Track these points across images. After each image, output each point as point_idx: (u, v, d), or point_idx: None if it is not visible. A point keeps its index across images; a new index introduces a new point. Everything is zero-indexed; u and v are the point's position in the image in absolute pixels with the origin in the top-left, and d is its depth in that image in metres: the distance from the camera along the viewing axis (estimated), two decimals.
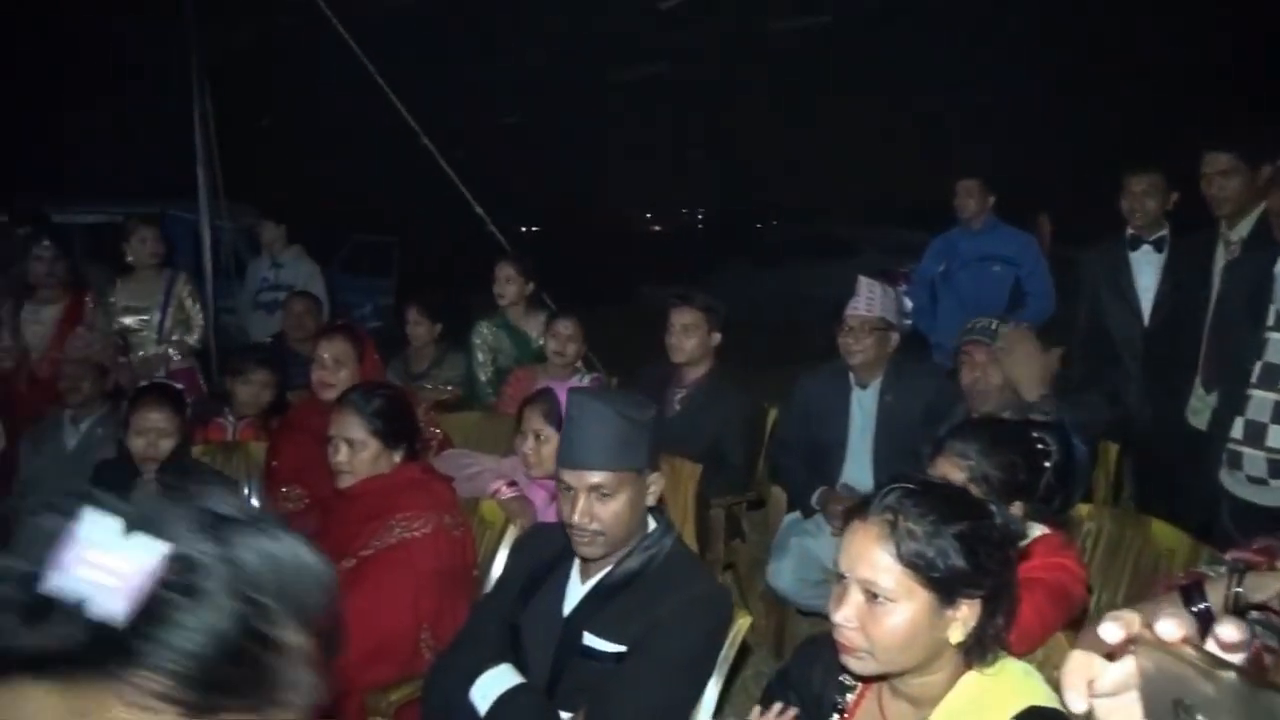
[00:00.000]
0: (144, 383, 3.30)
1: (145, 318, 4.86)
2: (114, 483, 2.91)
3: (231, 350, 4.85)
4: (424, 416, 3.24)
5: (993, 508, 1.51)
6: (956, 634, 1.42)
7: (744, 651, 2.22)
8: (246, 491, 3.36)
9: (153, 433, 2.94)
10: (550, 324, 4.05)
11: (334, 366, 3.26)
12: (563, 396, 2.71)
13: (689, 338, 3.62)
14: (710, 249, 16.22)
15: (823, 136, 17.69)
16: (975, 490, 1.84)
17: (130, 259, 4.81)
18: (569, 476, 1.91)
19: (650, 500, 1.97)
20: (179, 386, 3.33)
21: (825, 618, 3.38)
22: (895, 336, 3.40)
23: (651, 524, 2.00)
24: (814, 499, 3.34)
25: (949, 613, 1.41)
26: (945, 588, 1.39)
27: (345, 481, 2.50)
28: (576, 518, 1.89)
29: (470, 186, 5.49)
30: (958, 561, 1.38)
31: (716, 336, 3.68)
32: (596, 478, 1.87)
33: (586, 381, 3.96)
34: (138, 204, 11.15)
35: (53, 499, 0.63)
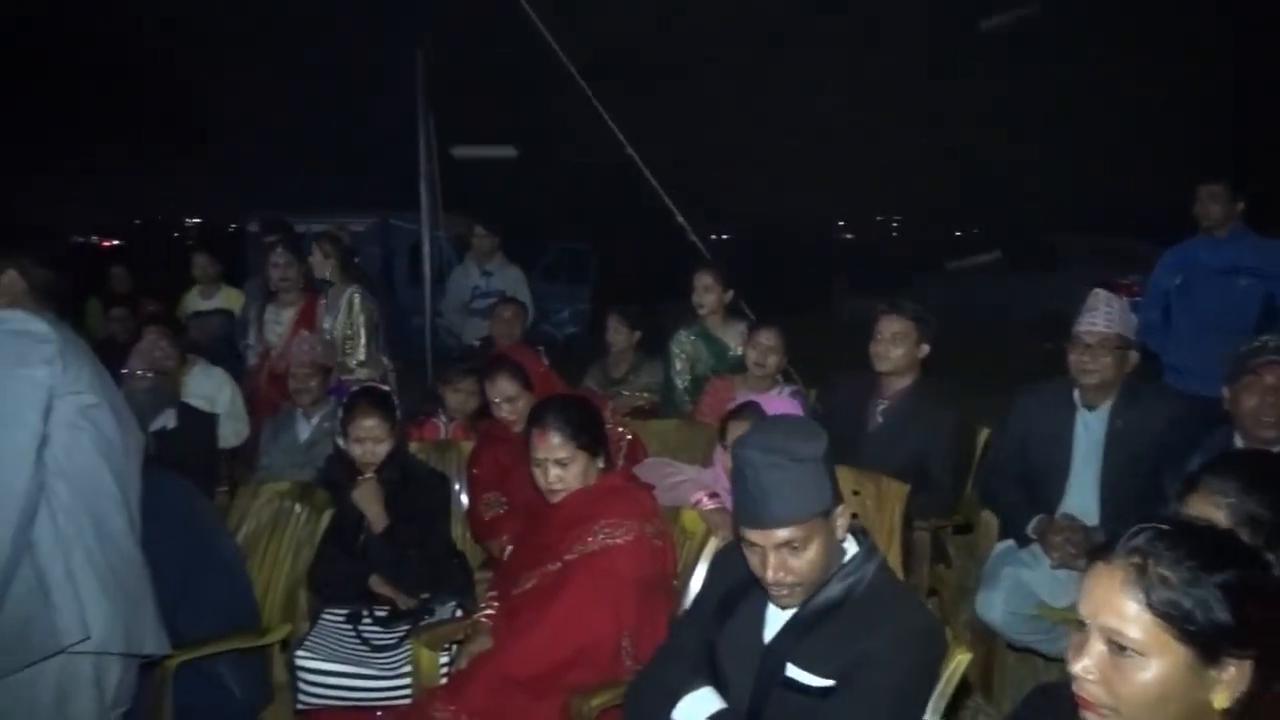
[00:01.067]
0: (355, 388, 3.46)
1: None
2: (341, 479, 3.12)
3: (443, 353, 5.08)
4: (611, 418, 3.28)
5: (1269, 556, 1.33)
6: (1222, 698, 1.26)
7: (962, 689, 2.08)
8: (457, 487, 3.53)
9: (369, 440, 3.11)
10: (751, 334, 4.01)
11: (508, 404, 3.35)
12: (766, 405, 2.68)
13: (896, 347, 3.47)
14: (907, 257, 15.69)
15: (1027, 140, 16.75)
16: (1241, 534, 1.63)
17: (316, 273, 5.02)
18: (754, 536, 1.81)
19: (840, 534, 1.86)
20: (386, 389, 3.42)
21: (1037, 653, 3.13)
22: (1134, 355, 3.10)
23: (851, 547, 1.91)
24: (1030, 528, 3.11)
25: (1212, 673, 1.25)
26: (1206, 644, 1.24)
27: (558, 497, 2.56)
28: (770, 574, 1.80)
29: (668, 196, 5.54)
30: (1221, 615, 1.23)
31: (925, 348, 3.51)
32: (784, 534, 1.77)
33: (786, 394, 3.89)
34: (363, 214, 12.16)
35: None
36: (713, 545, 2.63)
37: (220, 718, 2.70)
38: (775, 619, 1.91)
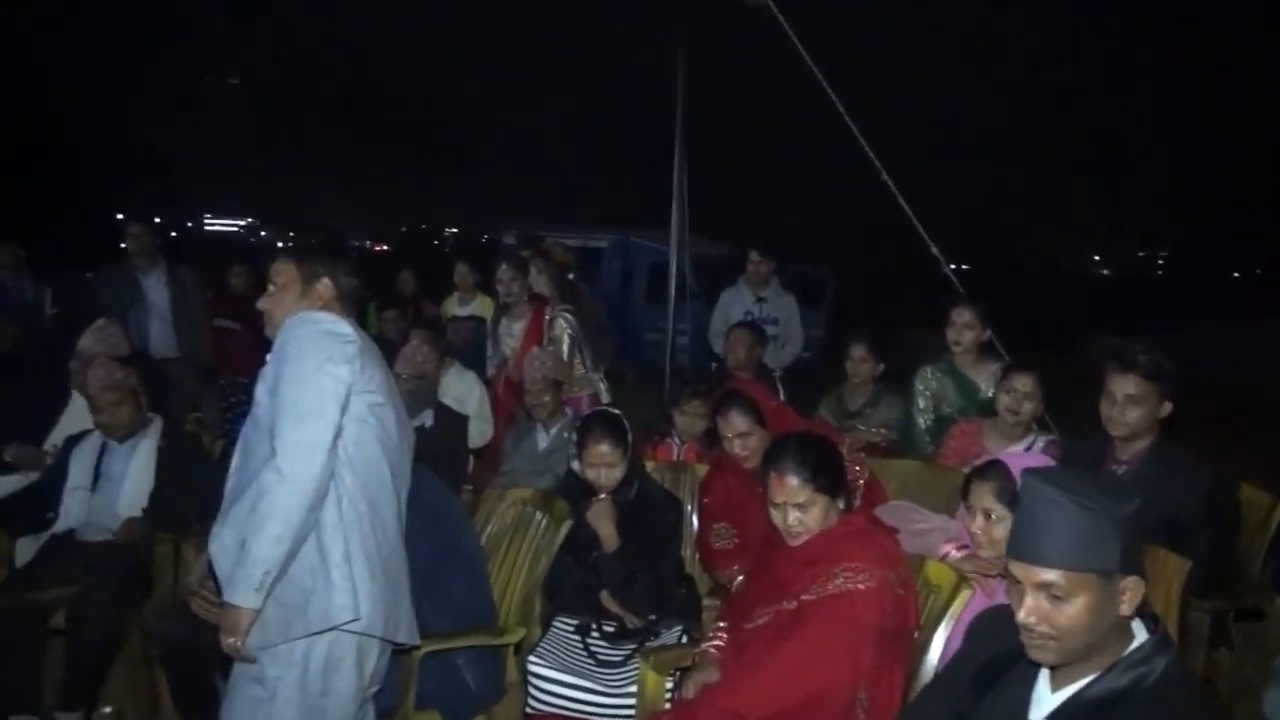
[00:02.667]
0: (587, 412, 3.53)
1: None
2: (577, 494, 3.20)
3: (679, 374, 5.10)
4: (849, 455, 3.14)
5: None
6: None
7: None
8: (689, 508, 3.53)
9: (602, 466, 3.16)
10: (1004, 377, 3.73)
11: (740, 440, 3.24)
12: (1015, 465, 2.47)
13: (1133, 410, 3.02)
14: (1172, 300, 14.22)
15: None
16: None
17: (533, 288, 5.12)
18: (1016, 569, 1.67)
19: (1124, 609, 1.65)
20: (617, 412, 3.39)
21: None
22: None
23: (1141, 633, 1.70)
24: None
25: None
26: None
27: (799, 540, 2.49)
28: (1023, 616, 1.65)
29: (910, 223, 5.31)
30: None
31: (1167, 407, 3.06)
32: (1047, 575, 1.61)
33: (1040, 445, 3.60)
34: (606, 230, 12.63)
35: None
36: (962, 602, 2.45)
37: (453, 706, 2.82)
38: (1044, 700, 1.73)
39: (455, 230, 41.44)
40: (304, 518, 2.14)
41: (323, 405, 2.18)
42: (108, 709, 3.21)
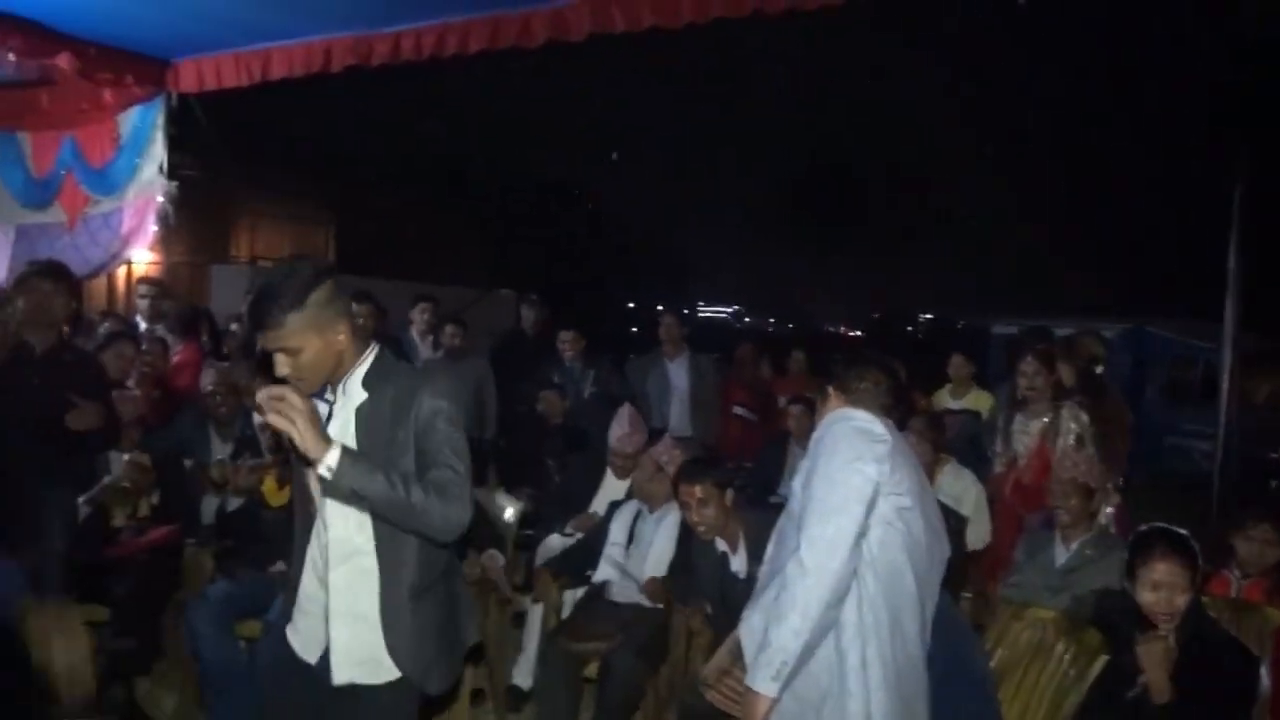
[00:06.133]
0: (1143, 527, 3.06)
1: None
2: (1122, 624, 2.79)
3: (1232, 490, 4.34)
4: None
5: None
6: None
7: None
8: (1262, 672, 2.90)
9: (1164, 587, 2.71)
10: None
11: None
12: None
13: None
14: None
15: None
16: None
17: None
18: None
19: None
20: (1183, 531, 2.98)
21: None
22: None
23: None
24: None
25: None
26: None
27: None
28: None
29: None
30: None
31: None
32: None
33: None
34: (1114, 319, 11.48)
35: None
36: None
37: None
38: None
39: (930, 316, 40.76)
40: (823, 613, 2.13)
41: (848, 502, 2.17)
42: None
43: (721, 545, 3.42)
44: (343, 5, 4.53)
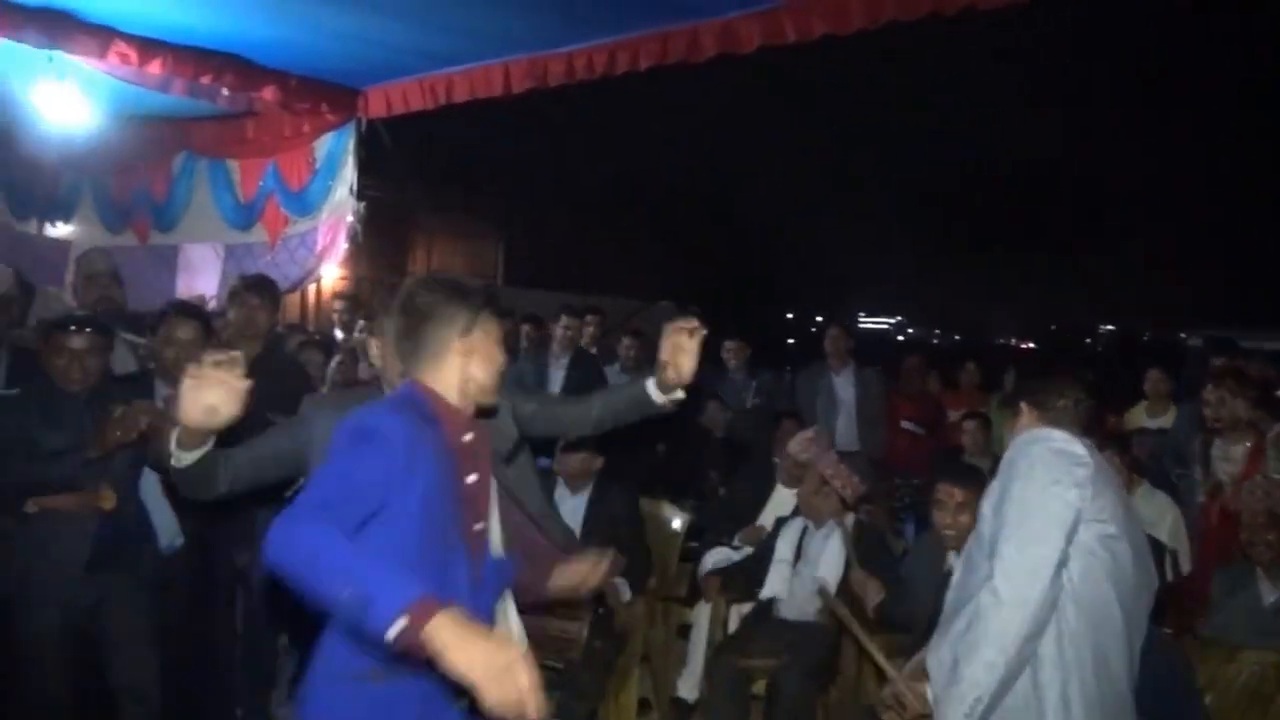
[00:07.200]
0: None
1: None
2: None
3: None
4: None
5: None
6: None
7: None
8: None
9: None
10: None
11: None
12: None
13: None
14: None
15: None
16: None
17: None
18: None
19: None
20: None
21: None
22: None
23: None
24: None
25: None
26: None
27: None
28: None
29: None
30: None
31: None
32: None
33: None
34: None
35: None
36: None
37: None
38: None
39: (1112, 328, 38.20)
40: (1020, 646, 2.01)
41: (1047, 529, 2.04)
42: None
43: (953, 560, 3.28)
44: (519, 29, 4.70)
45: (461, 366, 1.86)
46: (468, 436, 1.87)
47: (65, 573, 3.04)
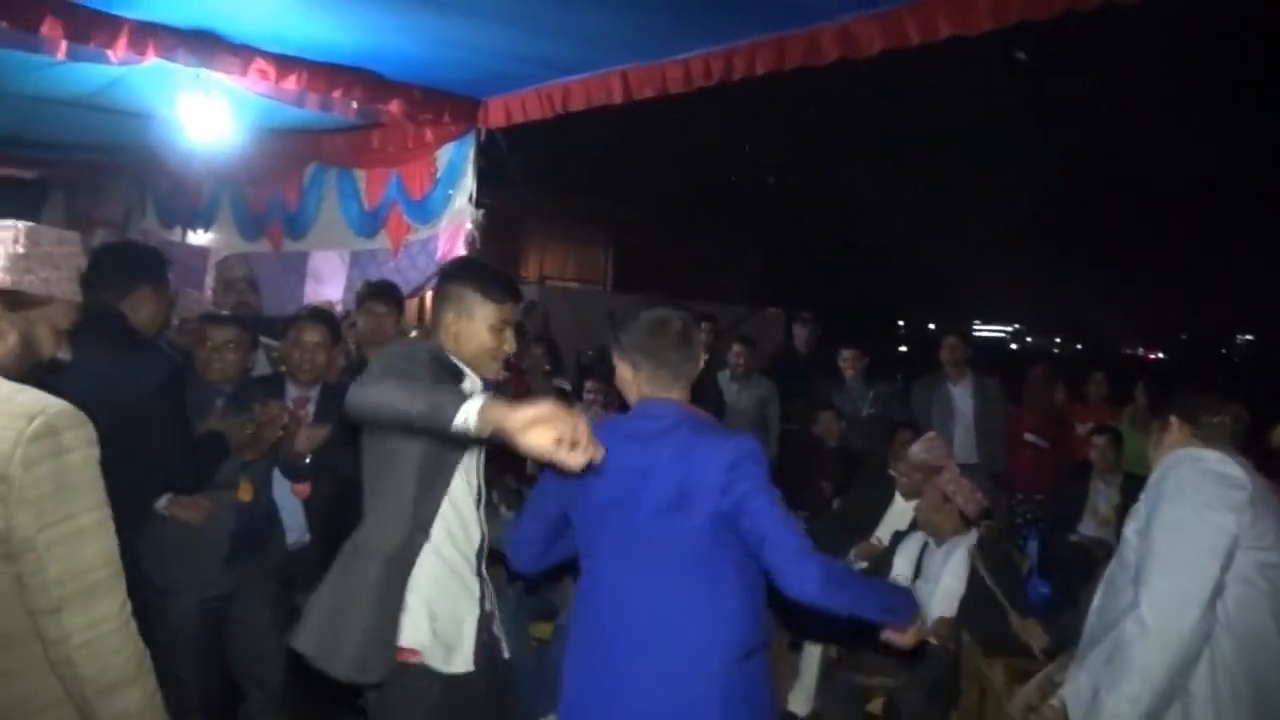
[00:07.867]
0: None
1: None
2: None
3: None
4: None
5: None
6: None
7: None
8: None
9: None
10: None
11: None
12: None
13: None
14: None
15: None
16: None
17: None
18: None
19: None
20: None
21: None
22: None
23: None
24: None
25: None
26: None
27: None
28: None
29: None
30: None
31: None
32: None
33: None
34: None
35: None
36: None
37: None
38: None
39: (1249, 338, 35.87)
40: (1167, 679, 1.90)
41: (1199, 555, 1.92)
42: None
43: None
44: (636, 36, 4.71)
45: None
46: None
47: (206, 564, 3.19)
